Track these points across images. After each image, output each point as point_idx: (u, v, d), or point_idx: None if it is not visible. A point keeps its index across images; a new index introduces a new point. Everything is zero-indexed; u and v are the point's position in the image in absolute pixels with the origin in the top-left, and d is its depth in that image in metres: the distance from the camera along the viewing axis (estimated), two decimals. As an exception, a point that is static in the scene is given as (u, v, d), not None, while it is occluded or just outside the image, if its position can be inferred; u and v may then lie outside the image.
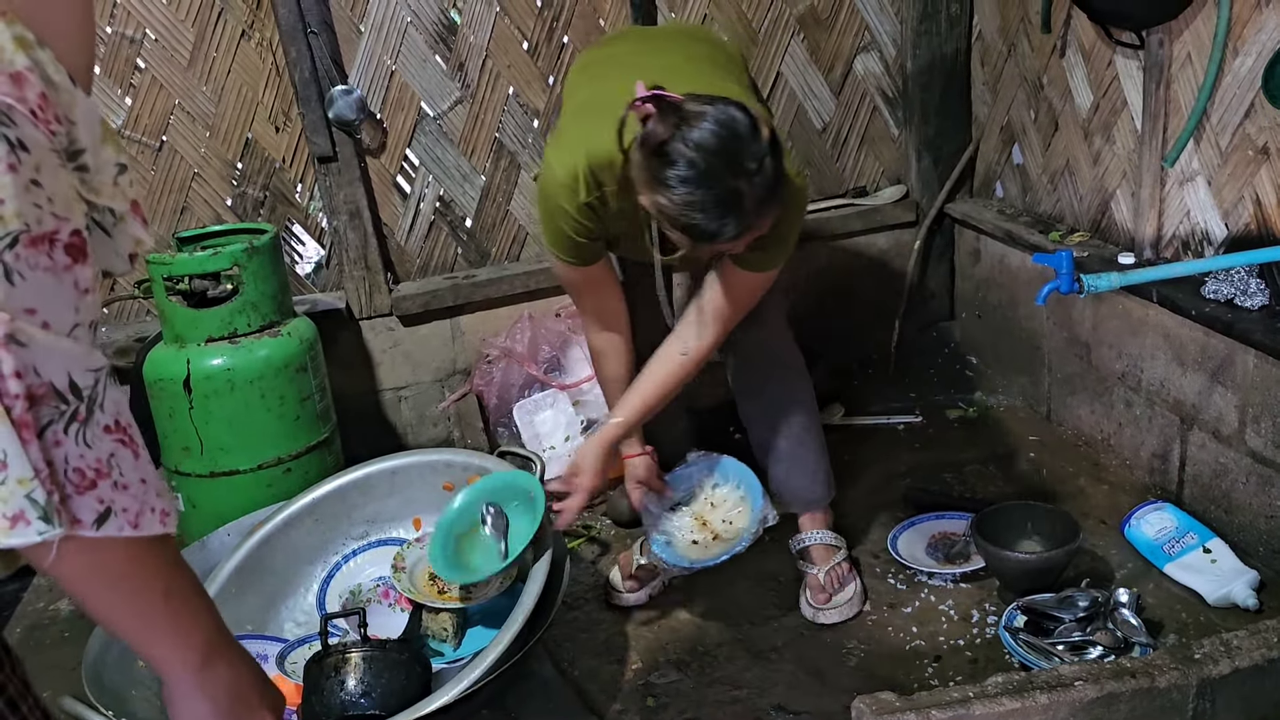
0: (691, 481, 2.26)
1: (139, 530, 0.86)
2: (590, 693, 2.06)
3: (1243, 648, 1.66)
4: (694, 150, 1.63)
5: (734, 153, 1.63)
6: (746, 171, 1.64)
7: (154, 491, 0.87)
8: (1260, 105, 2.06)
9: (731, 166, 1.63)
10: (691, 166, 1.63)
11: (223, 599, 2.11)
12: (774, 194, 1.69)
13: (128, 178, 0.89)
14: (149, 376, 2.42)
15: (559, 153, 1.88)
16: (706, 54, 2.08)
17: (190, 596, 0.96)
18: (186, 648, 0.96)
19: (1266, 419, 2.12)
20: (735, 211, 1.66)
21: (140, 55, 2.70)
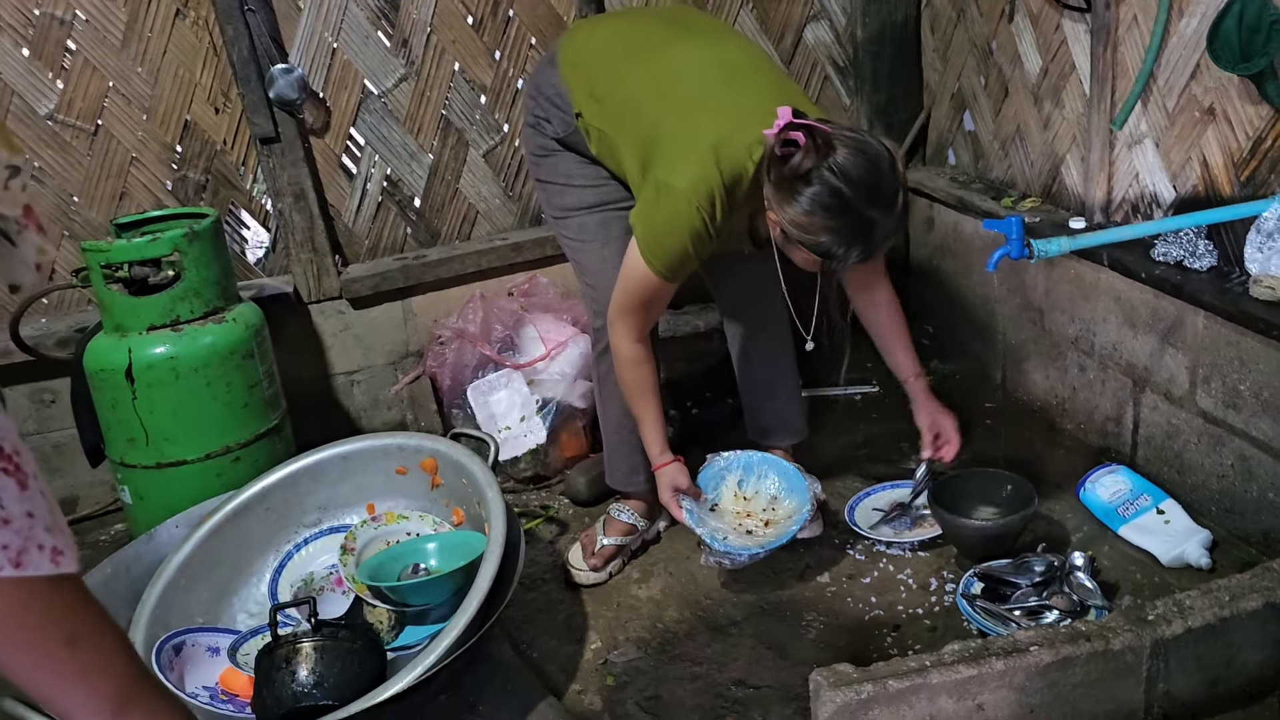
0: (718, 480, 2.27)
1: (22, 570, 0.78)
2: (549, 673, 2.05)
3: (1195, 607, 1.67)
4: (840, 179, 1.75)
5: (875, 184, 1.76)
6: (883, 204, 1.77)
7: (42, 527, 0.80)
8: (1206, 66, 2.06)
9: (871, 198, 1.76)
10: (835, 194, 1.76)
11: (172, 592, 2.07)
12: (903, 225, 1.85)
13: (19, 181, 0.83)
14: (90, 367, 2.36)
15: (688, 177, 1.89)
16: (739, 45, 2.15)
17: (99, 642, 0.88)
18: (96, 697, 0.88)
19: (1216, 379, 2.13)
20: (867, 240, 1.80)
21: (71, 37, 2.62)
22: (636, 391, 2.12)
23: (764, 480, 2.28)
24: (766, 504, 2.26)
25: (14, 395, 2.74)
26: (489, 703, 1.94)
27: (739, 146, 1.87)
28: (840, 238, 1.79)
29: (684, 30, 2.12)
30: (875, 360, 3.10)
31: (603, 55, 2.11)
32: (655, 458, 2.17)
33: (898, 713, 1.60)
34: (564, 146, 2.16)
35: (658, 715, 1.91)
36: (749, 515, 2.23)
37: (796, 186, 1.78)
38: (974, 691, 1.60)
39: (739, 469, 2.28)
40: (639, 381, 2.11)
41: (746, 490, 2.27)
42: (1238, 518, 2.15)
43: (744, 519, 2.22)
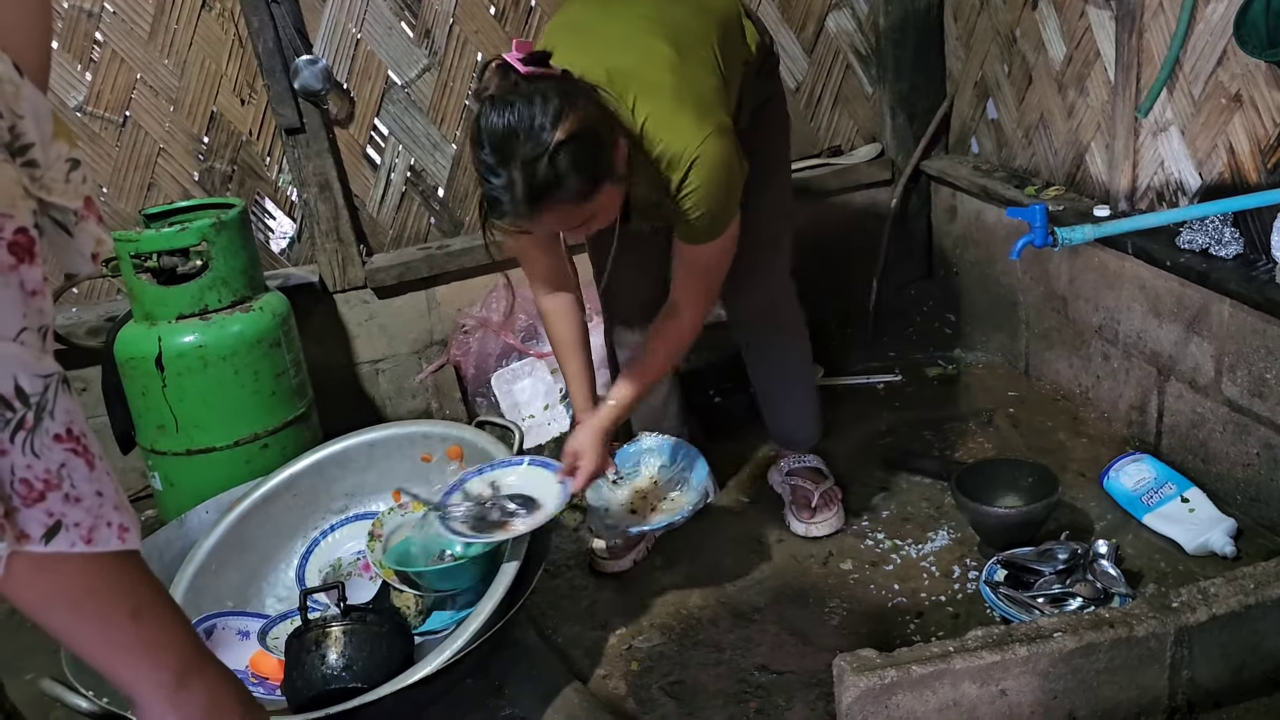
0: (638, 460, 2.25)
1: (92, 545, 0.81)
2: (574, 658, 2.07)
3: (1220, 595, 1.67)
4: (481, 129, 1.65)
5: (507, 143, 1.62)
6: (516, 163, 1.62)
7: (110, 505, 0.83)
8: (1233, 52, 2.05)
9: (502, 154, 1.63)
10: (477, 143, 1.66)
11: (202, 576, 2.11)
12: (549, 191, 1.64)
13: (80, 174, 0.85)
14: (120, 355, 2.39)
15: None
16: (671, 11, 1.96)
17: (161, 614, 0.91)
18: (159, 669, 0.91)
19: (1242, 368, 2.12)
20: (506, 196, 1.65)
21: (99, 29, 2.65)
22: (555, 343, 2.13)
23: (683, 473, 2.21)
24: (668, 493, 2.20)
25: (45, 383, 2.78)
26: (515, 686, 1.96)
27: None
28: (488, 187, 1.67)
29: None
30: (897, 349, 3.12)
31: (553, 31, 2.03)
32: (577, 413, 2.14)
33: (921, 698, 1.61)
34: None
35: (681, 700, 1.93)
36: (644, 498, 2.20)
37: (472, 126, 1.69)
38: (997, 677, 1.61)
39: (664, 454, 2.24)
40: (557, 333, 2.12)
41: (662, 476, 2.23)
42: (1263, 506, 2.14)
43: (639, 501, 2.19)
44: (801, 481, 2.39)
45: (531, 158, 1.62)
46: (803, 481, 2.39)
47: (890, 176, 3.20)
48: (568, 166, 1.63)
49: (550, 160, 1.62)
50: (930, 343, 3.17)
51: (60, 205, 0.83)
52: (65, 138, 0.83)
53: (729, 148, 1.83)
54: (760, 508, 2.48)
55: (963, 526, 2.31)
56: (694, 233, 1.90)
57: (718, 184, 1.83)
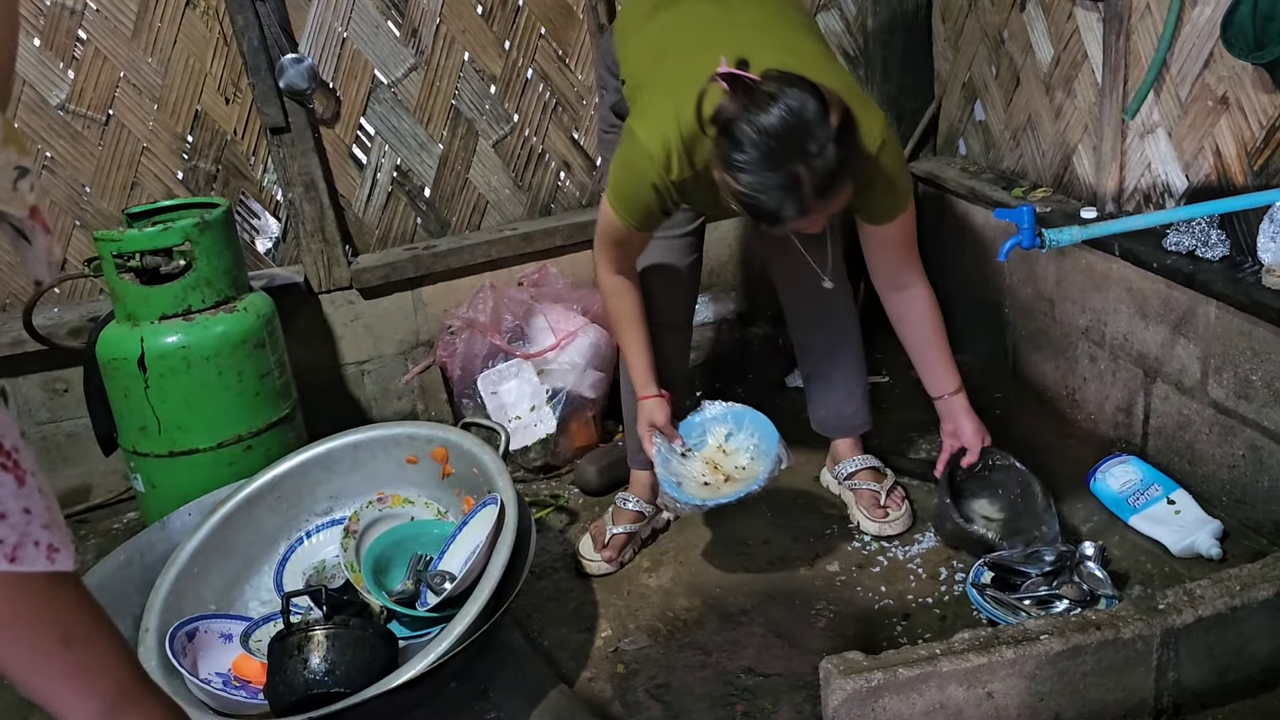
0: (705, 429, 2.22)
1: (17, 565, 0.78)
2: (560, 661, 2.06)
3: (1205, 597, 1.67)
4: (757, 133, 1.65)
5: (797, 138, 1.65)
6: (807, 156, 1.65)
7: (39, 524, 0.80)
8: (1219, 55, 2.05)
9: (792, 151, 1.65)
10: (754, 148, 1.66)
11: (184, 579, 2.09)
12: (837, 178, 1.70)
13: (28, 182, 0.82)
14: (102, 356, 2.37)
15: (649, 126, 1.86)
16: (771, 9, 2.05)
17: (96, 641, 0.87)
18: (90, 698, 0.88)
19: (1228, 369, 2.12)
20: (794, 196, 1.68)
21: (82, 26, 2.63)
22: (618, 321, 2.14)
23: (749, 438, 2.20)
24: (742, 463, 2.18)
25: (27, 384, 2.76)
26: (500, 690, 1.95)
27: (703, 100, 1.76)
28: (764, 195, 1.68)
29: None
30: (884, 350, 3.12)
31: (636, 19, 2.10)
32: (638, 389, 2.16)
33: (908, 700, 1.60)
34: (619, 116, 2.17)
35: (668, 703, 1.92)
36: (716, 469, 2.18)
37: (721, 141, 1.69)
38: (984, 679, 1.61)
39: (729, 422, 2.21)
40: (620, 311, 2.12)
41: (730, 445, 2.21)
42: (1249, 508, 2.14)
43: (711, 472, 2.18)
44: (865, 482, 2.39)
45: (819, 149, 1.65)
46: (866, 482, 2.39)
47: (878, 178, 3.19)
48: (848, 151, 1.69)
49: (836, 147, 1.66)
50: (918, 344, 3.16)
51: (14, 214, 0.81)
52: (15, 145, 0.81)
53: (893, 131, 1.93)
54: (747, 510, 2.46)
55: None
56: (891, 210, 1.99)
57: (902, 162, 1.97)
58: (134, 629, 1.99)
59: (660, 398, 2.16)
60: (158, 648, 1.92)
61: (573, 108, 2.98)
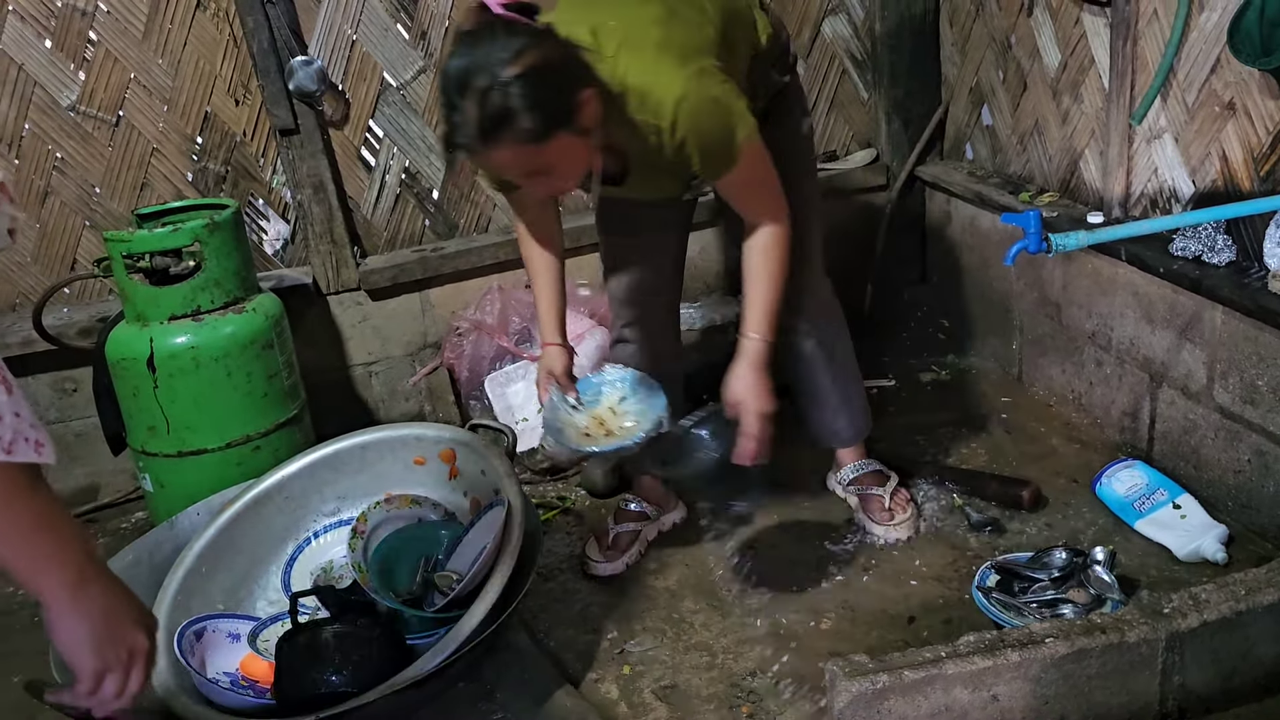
0: (600, 389, 2.19)
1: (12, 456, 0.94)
2: (566, 662, 2.06)
3: (1211, 601, 1.67)
4: (447, 63, 1.64)
5: (464, 76, 1.61)
6: (474, 92, 1.60)
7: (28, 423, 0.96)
8: (1226, 60, 2.05)
9: (457, 87, 1.62)
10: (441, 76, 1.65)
11: (193, 578, 2.10)
12: (500, 126, 1.62)
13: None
14: (112, 356, 2.38)
15: None
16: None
17: (61, 524, 1.05)
18: (61, 570, 1.05)
19: (1234, 374, 2.13)
20: (457, 128, 1.64)
21: (93, 28, 2.64)
22: (529, 266, 2.17)
23: (641, 404, 2.14)
24: (630, 424, 2.13)
25: (37, 383, 2.77)
26: (506, 690, 1.96)
27: None
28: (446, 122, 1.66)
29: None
30: (891, 354, 3.13)
31: None
32: (543, 336, 2.16)
33: (913, 703, 1.61)
34: None
35: (673, 704, 1.93)
36: (601, 424, 2.15)
37: None
38: (989, 682, 1.61)
39: (625, 386, 2.18)
40: (529, 256, 2.16)
41: (621, 407, 2.17)
42: (1254, 513, 2.15)
43: (595, 426, 2.14)
44: (869, 486, 2.39)
45: (484, 88, 1.60)
46: (870, 486, 2.39)
47: (885, 182, 3.20)
48: (520, 103, 1.61)
49: (502, 93, 1.60)
50: (924, 348, 3.17)
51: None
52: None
53: (714, 83, 1.79)
54: (753, 512, 2.47)
55: (957, 531, 2.31)
56: (714, 166, 1.86)
57: (710, 116, 1.79)
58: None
59: (561, 347, 2.15)
60: (166, 647, 1.93)
61: (580, 111, 2.98)
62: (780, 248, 1.95)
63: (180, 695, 1.83)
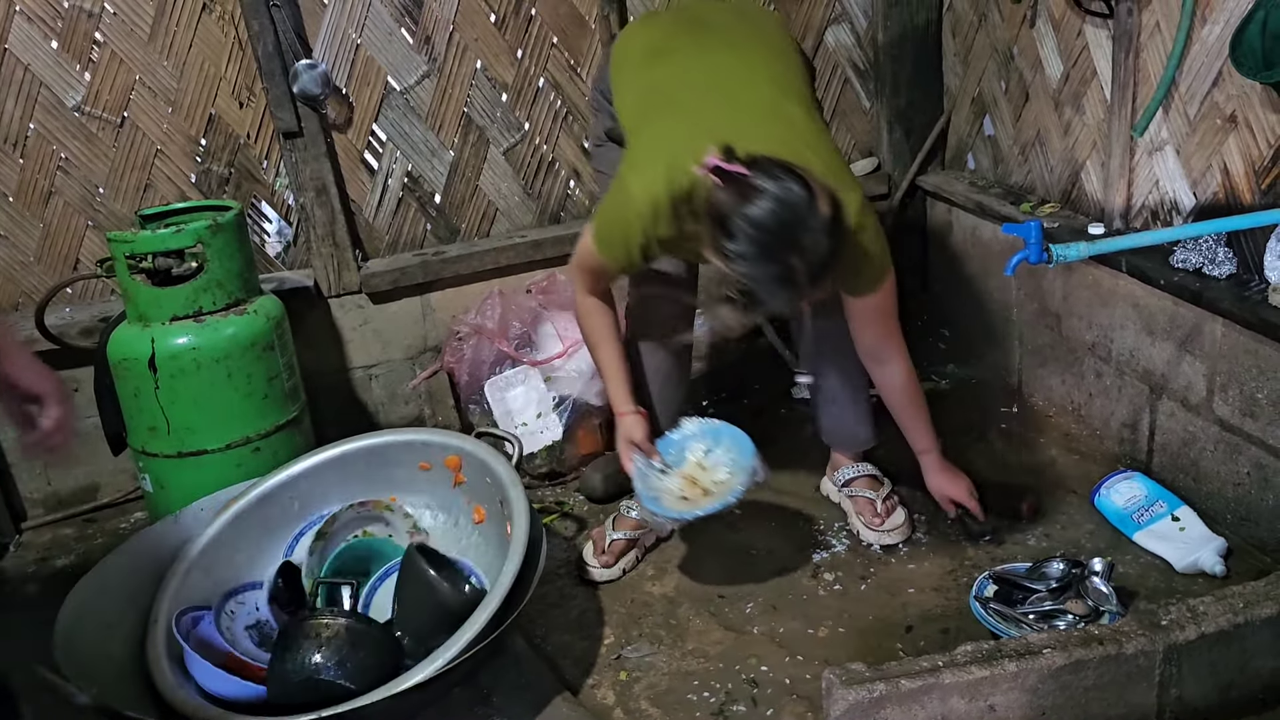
0: (683, 446, 2.25)
1: None
2: (563, 667, 2.06)
3: (1209, 614, 1.67)
4: (752, 228, 1.70)
5: (789, 232, 1.70)
6: (800, 249, 1.71)
7: None
8: (1228, 73, 2.06)
9: (785, 245, 1.71)
10: (749, 243, 1.71)
11: (194, 573, 2.11)
12: (828, 266, 1.76)
13: None
14: (113, 356, 2.39)
15: (641, 182, 1.91)
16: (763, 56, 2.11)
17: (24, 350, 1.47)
18: None
19: (1234, 387, 2.13)
20: (788, 286, 1.74)
21: (99, 29, 2.65)
22: (593, 339, 2.20)
23: (726, 453, 2.22)
24: (721, 478, 2.20)
25: (37, 383, 2.77)
26: (503, 695, 1.96)
27: (687, 170, 1.81)
28: (760, 286, 1.74)
29: (711, 38, 2.12)
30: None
31: (633, 56, 2.16)
32: (616, 406, 2.19)
33: (909, 712, 1.61)
34: (611, 140, 2.24)
35: (669, 711, 1.93)
36: (694, 483, 2.20)
37: (715, 231, 1.75)
38: (986, 692, 1.61)
39: (709, 438, 2.24)
40: (595, 329, 2.18)
41: (709, 461, 2.23)
42: (1253, 526, 2.15)
43: (689, 487, 2.19)
44: (862, 490, 2.40)
45: (811, 242, 1.70)
46: (863, 490, 2.40)
47: (887, 191, 3.21)
48: (839, 239, 1.74)
49: (828, 238, 1.72)
50: (924, 357, 3.17)
51: None
52: None
53: (874, 210, 1.97)
54: (750, 519, 2.47)
55: (953, 541, 2.31)
56: (870, 283, 2.04)
57: (879, 235, 1.99)
58: (143, 621, 2.00)
59: (638, 414, 2.19)
60: (165, 639, 1.93)
61: (583, 117, 2.99)
62: (915, 380, 2.25)
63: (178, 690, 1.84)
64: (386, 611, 2.05)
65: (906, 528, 2.35)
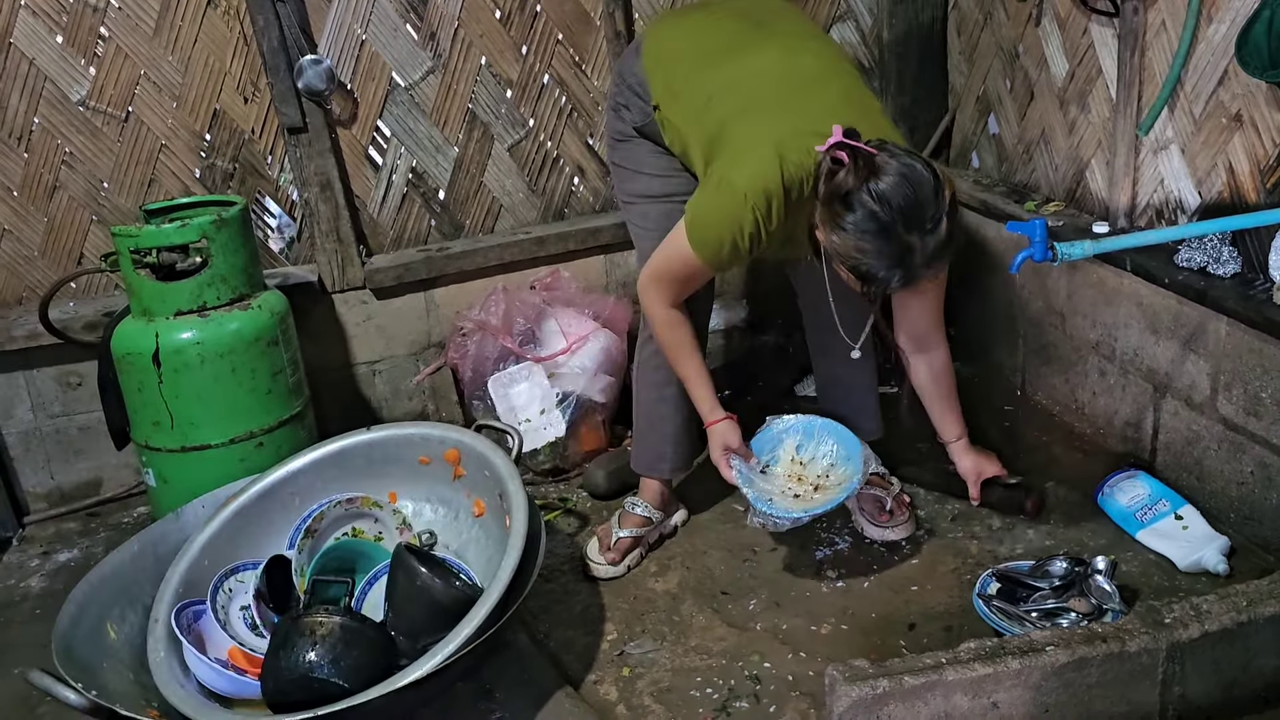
0: (776, 444, 2.25)
1: None
2: (566, 663, 2.06)
3: (1212, 612, 1.67)
4: (877, 202, 1.74)
5: (915, 211, 1.74)
6: (923, 229, 1.75)
7: None
8: (1234, 72, 2.06)
9: (910, 223, 1.74)
10: (873, 218, 1.75)
11: (196, 570, 2.10)
12: (945, 251, 1.80)
13: None
14: (117, 350, 2.39)
15: (751, 177, 1.90)
16: (820, 48, 2.15)
17: None
18: None
19: (1238, 386, 2.13)
20: (906, 265, 1.78)
21: (104, 24, 2.65)
22: (676, 350, 2.16)
23: (822, 446, 2.25)
24: (823, 470, 2.23)
25: (42, 377, 2.77)
26: (506, 690, 1.96)
27: (802, 152, 1.87)
28: (877, 261, 1.78)
29: (764, 32, 2.12)
30: (894, 361, 3.12)
31: (683, 52, 2.14)
32: (706, 414, 2.19)
33: (912, 709, 1.61)
34: (641, 135, 2.21)
35: (672, 707, 1.93)
36: (800, 480, 2.21)
37: (837, 207, 1.79)
38: (989, 689, 1.61)
39: (799, 434, 2.26)
40: (677, 340, 2.15)
41: (803, 455, 2.25)
42: (1256, 525, 2.15)
43: (795, 483, 2.21)
44: (870, 488, 2.40)
45: (934, 224, 1.74)
46: (871, 488, 2.40)
47: (890, 189, 3.20)
48: (956, 225, 1.78)
49: (949, 222, 1.76)
50: (927, 355, 3.17)
51: None
52: None
53: None
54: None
55: (956, 538, 2.31)
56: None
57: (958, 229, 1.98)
58: (144, 619, 2.00)
59: (730, 420, 2.19)
60: (166, 636, 1.94)
61: (588, 114, 2.99)
62: (952, 369, 2.31)
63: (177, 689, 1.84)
64: (379, 612, 2.04)
65: (910, 525, 2.35)
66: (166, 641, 1.93)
